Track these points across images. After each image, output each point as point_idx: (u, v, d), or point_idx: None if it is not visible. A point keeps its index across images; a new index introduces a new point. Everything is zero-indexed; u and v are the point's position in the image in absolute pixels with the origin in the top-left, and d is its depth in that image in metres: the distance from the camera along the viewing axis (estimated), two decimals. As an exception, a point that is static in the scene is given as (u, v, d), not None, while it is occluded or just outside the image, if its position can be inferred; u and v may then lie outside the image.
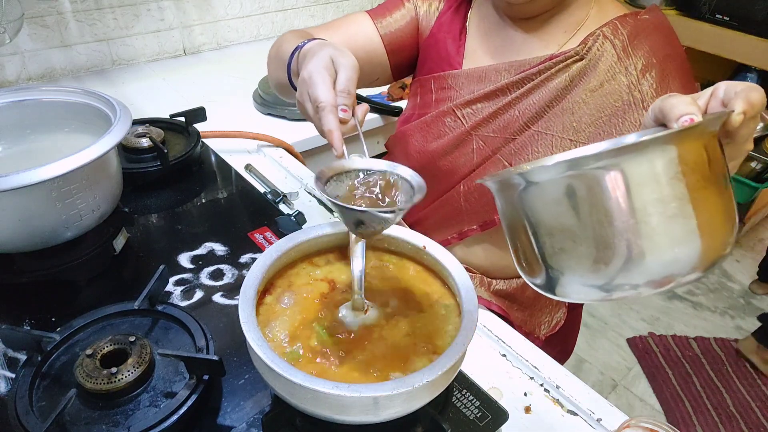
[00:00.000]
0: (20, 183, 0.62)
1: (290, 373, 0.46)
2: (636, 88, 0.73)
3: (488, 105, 0.82)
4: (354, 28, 0.90)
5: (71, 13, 1.35)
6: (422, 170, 0.85)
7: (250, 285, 0.55)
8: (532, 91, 0.79)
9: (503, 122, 0.81)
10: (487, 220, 0.85)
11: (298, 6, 1.75)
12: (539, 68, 0.78)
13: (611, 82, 0.75)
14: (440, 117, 0.86)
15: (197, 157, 1.06)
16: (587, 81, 0.76)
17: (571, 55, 0.77)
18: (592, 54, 0.75)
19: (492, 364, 0.75)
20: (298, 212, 0.94)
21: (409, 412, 0.51)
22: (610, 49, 0.75)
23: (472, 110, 0.84)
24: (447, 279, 0.61)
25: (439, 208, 0.90)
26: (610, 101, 0.75)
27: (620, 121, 0.74)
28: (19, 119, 0.82)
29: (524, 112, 0.80)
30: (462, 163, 0.85)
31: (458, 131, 0.84)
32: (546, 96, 0.78)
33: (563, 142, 0.77)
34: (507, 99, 0.81)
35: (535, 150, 0.79)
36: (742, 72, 2.40)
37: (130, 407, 0.58)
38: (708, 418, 1.76)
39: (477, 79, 0.84)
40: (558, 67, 0.77)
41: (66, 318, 0.67)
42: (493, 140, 0.82)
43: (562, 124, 0.77)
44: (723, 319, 2.18)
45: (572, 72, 0.77)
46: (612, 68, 0.75)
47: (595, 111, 0.76)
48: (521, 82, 0.80)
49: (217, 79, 1.47)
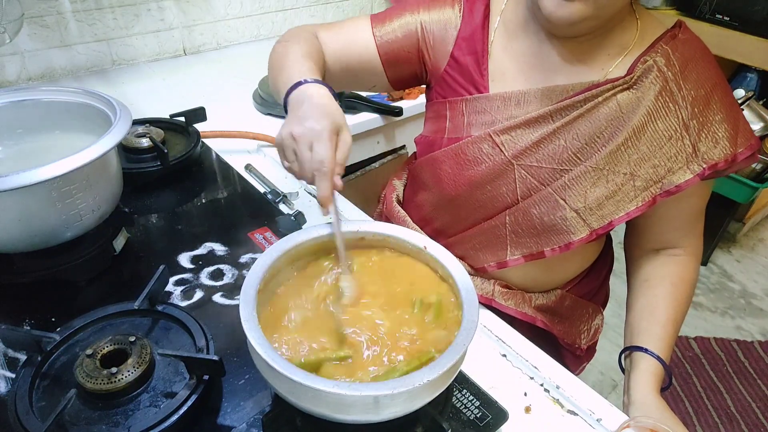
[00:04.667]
0: (20, 183, 0.62)
1: (290, 372, 0.46)
2: (684, 119, 0.72)
3: (529, 132, 0.77)
4: (353, 33, 0.85)
5: (71, 13, 1.35)
6: (458, 198, 0.85)
7: (250, 285, 0.55)
8: (578, 119, 0.75)
9: (549, 152, 0.77)
10: (534, 253, 0.81)
11: (298, 6, 1.75)
12: (585, 96, 0.74)
13: (664, 116, 0.72)
14: (476, 143, 0.80)
15: (197, 157, 1.06)
16: (638, 114, 0.73)
17: (619, 84, 0.73)
18: (642, 85, 0.73)
19: (492, 364, 0.75)
20: (298, 212, 0.94)
21: (409, 411, 0.51)
22: (662, 81, 0.72)
23: (511, 137, 0.78)
24: (447, 279, 0.61)
25: (478, 235, 0.85)
26: (664, 135, 0.73)
27: (674, 156, 0.73)
28: (19, 119, 0.82)
29: (572, 142, 0.76)
30: (503, 192, 0.80)
31: (497, 159, 0.79)
32: (595, 126, 0.74)
33: (617, 177, 0.74)
34: (551, 127, 0.76)
35: (590, 186, 0.75)
36: (742, 72, 2.40)
37: (130, 407, 0.58)
38: (708, 419, 1.76)
39: (515, 104, 0.79)
40: (605, 95, 0.74)
41: (66, 318, 0.67)
42: (538, 171, 0.77)
43: (617, 159, 0.74)
44: (723, 319, 2.18)
45: (621, 101, 0.73)
46: (663, 99, 0.72)
47: (649, 146, 0.73)
48: (566, 110, 0.75)
49: (217, 79, 1.47)
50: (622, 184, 0.74)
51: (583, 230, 0.77)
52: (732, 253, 2.52)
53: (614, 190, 0.75)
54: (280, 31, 1.76)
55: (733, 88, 2.33)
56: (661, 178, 0.74)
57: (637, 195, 0.74)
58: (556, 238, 0.78)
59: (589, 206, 0.75)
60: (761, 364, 1.96)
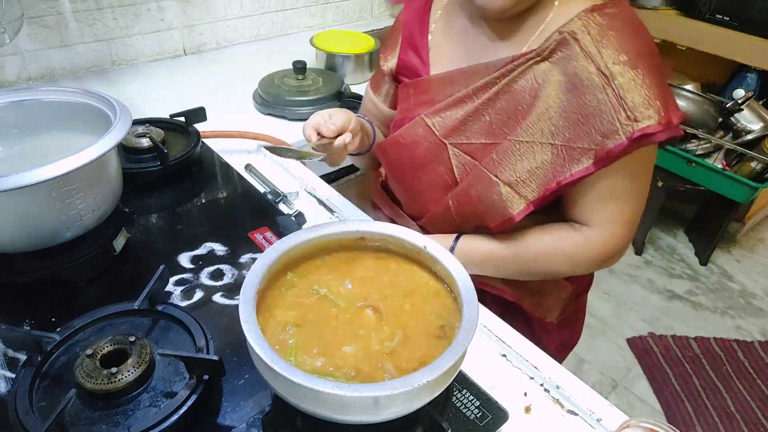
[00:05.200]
0: (20, 183, 0.62)
1: (290, 373, 0.46)
2: (609, 86, 0.71)
3: (457, 111, 0.82)
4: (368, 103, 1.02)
5: (71, 13, 1.35)
6: (405, 182, 0.90)
7: (250, 285, 0.55)
8: (498, 95, 0.78)
9: (476, 129, 0.80)
10: (483, 225, 0.84)
11: (298, 6, 1.75)
12: (502, 71, 0.77)
13: (584, 82, 0.72)
14: (412, 128, 0.86)
15: (197, 157, 1.06)
16: (559, 83, 0.74)
17: (532, 56, 0.75)
18: (559, 54, 0.74)
19: (492, 364, 0.75)
20: (298, 212, 0.94)
21: (409, 412, 0.51)
22: (578, 50, 0.72)
23: (441, 118, 0.83)
24: (447, 279, 0.61)
25: (433, 221, 0.90)
26: (585, 101, 0.73)
27: (597, 120, 0.72)
28: (19, 119, 0.82)
29: (495, 116, 0.79)
30: (442, 172, 0.84)
31: (432, 140, 0.83)
32: (515, 99, 0.77)
33: (544, 148, 0.75)
34: (474, 104, 0.80)
35: (518, 159, 0.77)
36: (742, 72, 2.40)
37: (130, 407, 0.58)
38: (708, 418, 1.76)
39: (447, 83, 0.83)
40: (520, 69, 0.76)
41: (66, 318, 0.67)
42: (468, 147, 0.81)
43: (540, 130, 0.75)
44: (723, 319, 2.18)
45: (537, 73, 0.75)
46: (583, 68, 0.72)
47: (571, 113, 0.74)
48: (486, 86, 0.79)
49: (217, 79, 1.47)
50: (550, 153, 0.75)
51: (520, 203, 0.78)
52: (732, 253, 2.52)
53: (543, 160, 0.75)
54: (280, 31, 1.76)
55: (733, 88, 2.33)
56: (595, 145, 0.72)
57: (569, 164, 0.74)
58: (497, 213, 0.80)
59: (521, 178, 0.77)
60: (761, 364, 1.96)
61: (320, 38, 1.52)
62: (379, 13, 1.98)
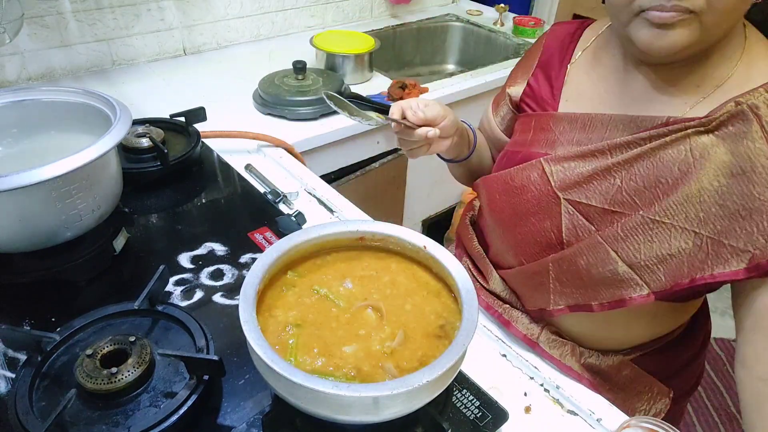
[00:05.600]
0: (20, 183, 0.62)
1: (290, 373, 0.46)
2: None
3: (583, 165, 0.70)
4: (484, 120, 0.97)
5: (71, 13, 1.35)
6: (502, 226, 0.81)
7: (250, 285, 0.55)
8: (639, 158, 0.65)
9: (600, 189, 0.68)
10: (581, 304, 0.71)
11: (298, 6, 1.75)
12: (651, 132, 0.64)
13: (757, 169, 0.58)
14: (526, 170, 0.75)
15: (197, 157, 1.06)
16: (722, 164, 0.60)
17: (695, 125, 0.62)
18: (729, 129, 0.60)
19: (492, 364, 0.75)
20: (298, 212, 0.94)
21: (409, 412, 0.51)
22: (758, 129, 0.59)
23: (562, 168, 0.71)
24: (447, 279, 0.61)
25: (521, 276, 0.79)
26: (753, 192, 0.59)
27: (764, 220, 0.58)
28: (19, 119, 0.82)
29: (628, 182, 0.66)
30: (548, 227, 0.73)
31: (544, 190, 0.72)
32: (659, 170, 0.64)
33: (685, 235, 0.62)
34: (607, 162, 0.67)
35: (648, 240, 0.64)
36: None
37: (130, 407, 0.58)
38: (708, 419, 1.76)
39: (579, 127, 0.72)
40: (675, 135, 0.63)
41: (66, 318, 0.67)
42: (586, 209, 0.69)
43: (686, 213, 0.62)
44: (723, 319, 2.18)
45: (695, 145, 0.62)
46: (760, 152, 0.58)
47: (731, 202, 0.60)
48: (627, 145, 0.66)
49: (217, 79, 1.47)
50: (691, 243, 0.62)
51: (639, 288, 0.66)
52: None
53: (680, 249, 0.63)
54: (280, 31, 1.76)
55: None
56: (753, 248, 0.59)
57: (713, 261, 0.62)
58: (607, 292, 0.69)
59: (647, 263, 0.65)
60: (761, 364, 1.96)
61: (320, 38, 1.52)
62: (379, 13, 1.98)
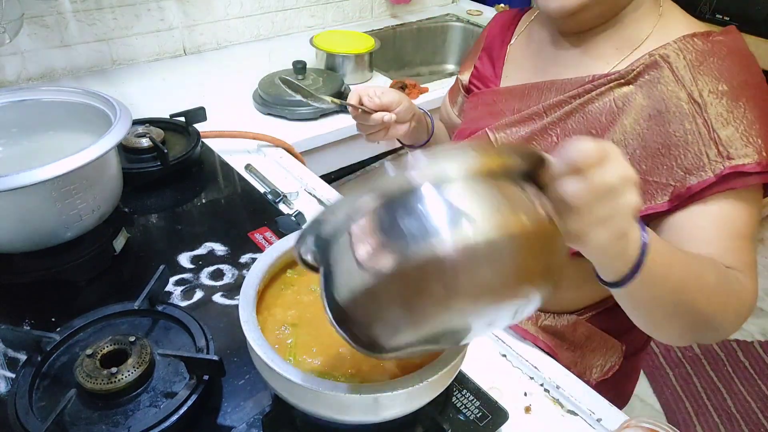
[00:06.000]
0: (20, 183, 0.62)
1: (290, 373, 0.46)
2: (700, 115, 0.63)
3: (523, 128, 0.76)
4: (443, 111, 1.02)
5: (71, 13, 1.35)
6: None
7: (250, 285, 0.55)
8: (570, 114, 0.71)
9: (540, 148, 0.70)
10: None
11: (298, 6, 1.75)
12: (579, 90, 0.71)
13: (671, 110, 0.64)
14: (475, 140, 0.81)
15: (197, 157, 1.06)
16: (641, 108, 0.66)
17: (615, 78, 0.68)
18: (645, 77, 0.66)
19: (492, 364, 0.75)
20: (298, 212, 0.94)
21: (409, 412, 0.51)
22: (668, 74, 0.65)
23: (506, 134, 0.78)
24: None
25: None
26: (669, 130, 0.64)
27: (681, 153, 0.63)
28: (19, 119, 0.82)
29: (563, 138, 0.72)
30: None
31: None
32: (589, 122, 0.70)
33: None
34: (543, 122, 0.74)
35: None
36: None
37: (130, 407, 0.58)
38: (708, 419, 1.76)
39: (518, 97, 0.78)
40: (599, 90, 0.69)
41: (66, 318, 0.67)
42: None
43: None
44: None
45: (617, 96, 0.68)
46: (672, 94, 0.64)
47: (652, 142, 0.66)
48: (558, 104, 0.73)
49: (217, 79, 1.47)
50: None
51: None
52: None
53: None
54: (280, 31, 1.76)
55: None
56: (674, 181, 0.65)
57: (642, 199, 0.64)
58: None
59: None
60: (761, 364, 1.96)
61: (320, 38, 1.52)
62: (379, 13, 1.98)
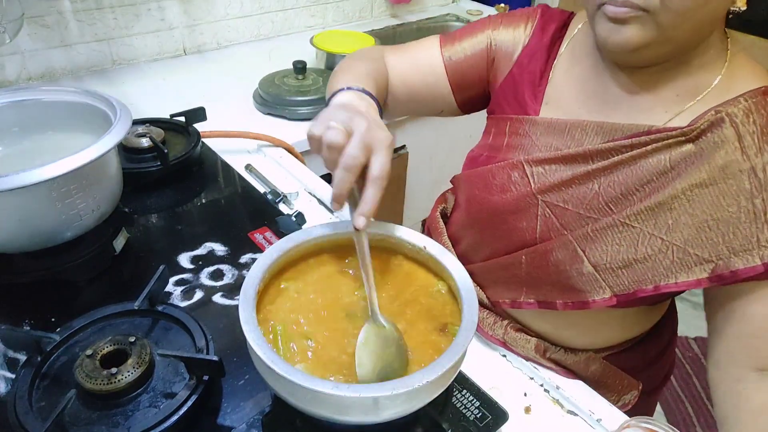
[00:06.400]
0: (20, 183, 0.62)
1: (290, 374, 0.46)
2: (759, 194, 0.57)
3: (564, 169, 0.69)
4: (421, 54, 0.81)
5: (71, 13, 1.35)
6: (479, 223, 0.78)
7: (250, 285, 0.55)
8: (618, 166, 0.65)
9: (578, 195, 0.68)
10: (548, 301, 0.72)
11: (298, 6, 1.75)
12: (632, 141, 0.63)
13: (729, 182, 0.58)
14: (507, 169, 0.73)
15: (197, 157, 1.06)
16: (696, 172, 0.60)
17: (675, 135, 0.61)
18: (707, 137, 0.59)
19: (492, 364, 0.75)
20: (298, 212, 0.94)
21: (409, 412, 0.51)
22: (733, 139, 0.58)
23: (543, 170, 0.70)
24: (447, 279, 0.61)
25: (496, 269, 0.77)
26: (722, 203, 0.59)
27: (731, 231, 0.58)
28: (19, 119, 0.82)
29: (606, 189, 0.66)
30: (523, 227, 0.72)
31: (523, 191, 0.71)
32: (638, 178, 0.64)
33: (653, 241, 0.62)
34: (587, 168, 0.66)
35: (616, 243, 0.64)
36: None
37: (129, 408, 0.58)
38: (708, 419, 1.76)
39: (558, 133, 0.70)
40: (656, 145, 0.62)
41: (66, 318, 0.67)
42: (562, 212, 0.68)
43: (655, 220, 0.62)
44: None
45: (674, 155, 0.61)
46: (733, 164, 0.58)
47: (700, 212, 0.60)
48: (606, 152, 0.65)
49: (217, 79, 1.47)
50: (658, 251, 0.62)
51: (602, 291, 0.66)
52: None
53: (645, 255, 0.63)
54: (281, 31, 1.76)
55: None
56: (717, 258, 0.60)
57: (677, 269, 0.62)
58: (572, 292, 0.69)
59: (611, 265, 0.65)
60: (761, 364, 1.96)
61: (320, 38, 1.52)
62: (379, 13, 1.98)
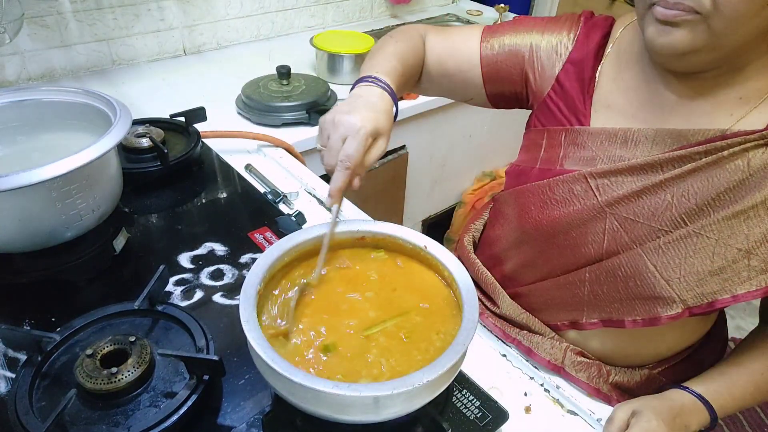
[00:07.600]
0: (20, 183, 0.62)
1: (290, 373, 0.46)
2: None
3: (632, 180, 0.67)
4: (461, 41, 0.82)
5: (71, 13, 1.35)
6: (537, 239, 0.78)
7: (250, 285, 0.55)
8: (692, 173, 0.62)
9: (649, 206, 0.66)
10: (614, 320, 0.70)
11: (298, 6, 1.75)
12: (707, 147, 0.61)
13: None
14: (568, 182, 0.71)
15: (197, 157, 1.06)
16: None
17: (755, 138, 0.59)
18: None
19: (492, 364, 0.75)
20: (298, 212, 0.94)
21: (409, 411, 0.51)
22: None
23: (609, 182, 0.68)
24: (448, 279, 0.61)
25: (553, 288, 0.76)
26: None
27: None
28: (19, 119, 0.82)
29: (679, 200, 0.63)
30: (589, 241, 0.70)
31: (588, 203, 0.69)
32: (712, 186, 0.61)
33: (728, 251, 0.61)
34: (657, 178, 0.64)
35: (690, 255, 0.62)
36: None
37: (130, 407, 0.58)
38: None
39: (620, 143, 0.68)
40: (733, 150, 0.60)
41: (66, 318, 0.67)
42: (632, 225, 0.66)
43: (731, 229, 0.60)
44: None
45: (753, 161, 0.59)
46: None
47: None
48: (678, 160, 0.63)
49: (217, 79, 1.47)
50: (734, 260, 0.61)
51: (675, 306, 0.65)
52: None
53: (722, 265, 0.62)
54: (281, 31, 1.76)
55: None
56: None
57: (751, 277, 0.61)
58: (641, 308, 0.68)
59: (686, 279, 0.64)
60: (761, 364, 1.96)
61: (320, 38, 1.52)
62: (379, 13, 1.98)
